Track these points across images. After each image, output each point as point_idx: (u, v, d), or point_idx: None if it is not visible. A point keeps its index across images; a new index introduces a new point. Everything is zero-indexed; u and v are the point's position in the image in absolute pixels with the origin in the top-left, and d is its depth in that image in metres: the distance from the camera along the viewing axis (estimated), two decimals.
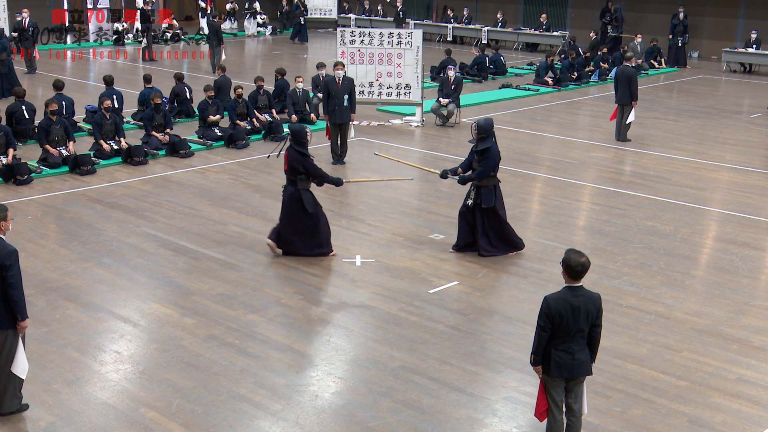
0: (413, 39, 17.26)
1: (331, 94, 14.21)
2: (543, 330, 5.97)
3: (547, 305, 5.93)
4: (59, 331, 8.11)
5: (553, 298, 5.94)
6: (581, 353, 6.01)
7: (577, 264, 5.90)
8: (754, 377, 7.55)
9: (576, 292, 5.94)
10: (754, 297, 9.32)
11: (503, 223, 10.22)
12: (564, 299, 5.91)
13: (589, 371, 6.10)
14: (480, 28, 31.12)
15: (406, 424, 6.66)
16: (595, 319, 6.00)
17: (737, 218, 12.02)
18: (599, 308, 6.00)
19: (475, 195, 10.06)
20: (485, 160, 9.91)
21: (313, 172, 10.07)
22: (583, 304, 5.91)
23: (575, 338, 5.96)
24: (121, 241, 10.53)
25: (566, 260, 5.95)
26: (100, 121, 14.35)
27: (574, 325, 5.91)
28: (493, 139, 10.00)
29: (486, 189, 9.98)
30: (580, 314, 5.90)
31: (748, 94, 23.38)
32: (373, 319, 8.57)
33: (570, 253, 5.97)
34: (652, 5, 30.12)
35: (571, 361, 5.99)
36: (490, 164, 9.91)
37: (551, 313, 5.90)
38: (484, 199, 9.98)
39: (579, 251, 5.99)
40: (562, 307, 5.89)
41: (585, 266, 5.91)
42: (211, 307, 8.73)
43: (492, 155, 9.91)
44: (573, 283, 5.96)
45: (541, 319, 5.97)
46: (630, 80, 16.17)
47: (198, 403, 6.90)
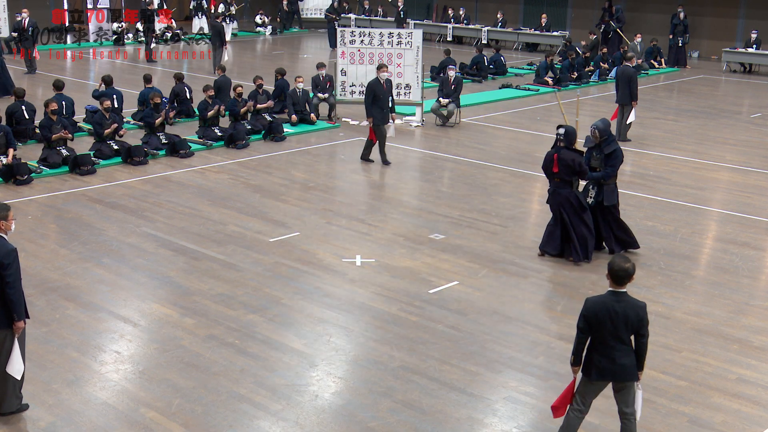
0: (413, 39, 17.27)
1: (377, 97, 14.05)
2: (580, 331, 6.00)
3: (585, 307, 5.95)
4: (59, 331, 8.11)
5: (593, 301, 5.96)
6: (624, 358, 5.95)
7: (619, 269, 5.87)
8: (754, 377, 7.55)
9: (618, 297, 5.91)
10: (754, 297, 9.32)
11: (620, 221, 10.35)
12: (603, 303, 5.91)
13: (633, 377, 6.03)
14: (480, 28, 31.12)
15: (406, 424, 6.66)
16: (637, 327, 5.91)
17: (737, 218, 12.02)
18: (642, 317, 5.91)
19: (596, 193, 10.14)
20: (612, 160, 10.06)
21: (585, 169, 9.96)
22: (622, 310, 5.87)
23: (615, 344, 5.92)
24: (121, 241, 10.53)
25: (610, 264, 5.94)
26: (100, 121, 14.34)
27: (612, 330, 5.89)
28: (616, 141, 10.21)
29: (608, 187, 10.12)
30: (618, 320, 5.86)
31: (748, 94, 23.38)
32: (373, 319, 8.57)
33: (615, 258, 5.98)
34: (652, 5, 30.12)
35: (612, 366, 5.96)
36: (617, 164, 10.09)
37: (588, 315, 5.92)
38: (607, 197, 10.10)
39: (625, 256, 6.02)
40: (600, 311, 5.89)
41: (627, 272, 5.88)
42: (211, 307, 8.73)
43: (618, 154, 10.09)
44: (616, 288, 5.94)
45: (579, 320, 5.99)
46: (629, 80, 16.17)
47: (198, 403, 6.90)
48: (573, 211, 10.02)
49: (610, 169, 10.09)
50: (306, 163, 14.65)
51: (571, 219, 10.02)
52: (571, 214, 10.03)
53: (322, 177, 13.90)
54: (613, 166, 10.08)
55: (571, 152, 9.89)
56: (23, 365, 6.56)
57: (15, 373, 6.50)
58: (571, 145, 9.93)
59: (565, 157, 9.86)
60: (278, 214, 11.73)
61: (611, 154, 10.09)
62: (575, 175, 9.95)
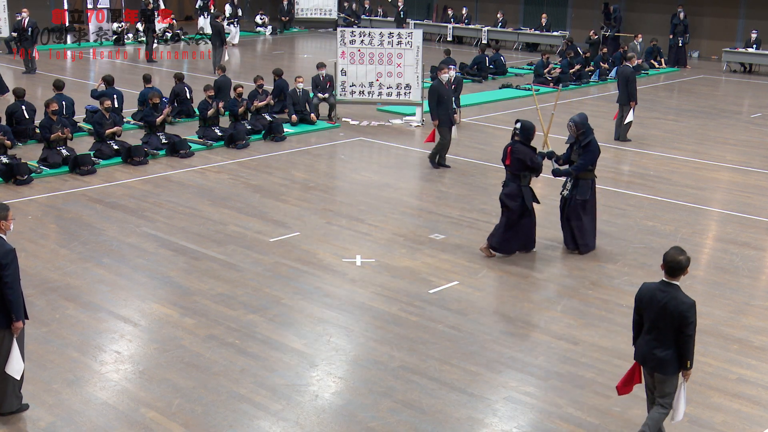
0: (413, 39, 17.27)
1: (442, 99, 13.86)
2: (635, 312, 6.17)
3: (639, 290, 6.13)
4: (59, 331, 8.11)
5: (645, 286, 6.10)
6: (662, 351, 5.98)
7: (672, 260, 5.93)
8: (754, 377, 7.55)
9: (665, 288, 5.98)
10: (754, 297, 9.32)
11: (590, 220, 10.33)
12: (652, 290, 6.02)
13: (667, 371, 6.02)
14: (480, 28, 31.11)
15: (406, 424, 6.66)
16: (678, 323, 5.90)
17: (737, 218, 12.02)
18: (685, 315, 5.87)
19: (571, 187, 10.17)
20: (585, 153, 10.06)
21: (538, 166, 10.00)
22: (664, 301, 5.93)
23: (656, 335, 5.99)
24: (121, 241, 10.53)
25: (665, 255, 6.01)
26: (100, 121, 14.35)
27: (653, 318, 5.98)
28: (592, 133, 10.17)
29: (584, 182, 10.13)
30: (658, 309, 5.93)
31: (748, 94, 23.38)
32: (373, 319, 8.57)
33: (671, 249, 6.03)
34: (652, 5, 30.11)
35: (649, 354, 6.07)
36: (590, 157, 10.07)
37: (637, 298, 6.10)
38: (580, 191, 10.11)
39: (681, 249, 6.01)
40: (645, 296, 6.05)
41: (680, 264, 5.92)
42: (211, 307, 8.73)
43: (593, 148, 10.08)
44: (668, 279, 6.01)
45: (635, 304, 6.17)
46: (627, 81, 16.17)
47: (198, 403, 6.90)
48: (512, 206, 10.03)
49: (582, 161, 10.04)
50: (306, 163, 14.65)
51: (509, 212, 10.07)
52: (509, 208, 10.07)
53: (322, 177, 13.91)
54: (586, 158, 10.04)
55: (525, 147, 9.90)
56: (23, 365, 6.56)
57: (14, 373, 6.50)
58: (528, 141, 9.94)
59: (517, 150, 9.89)
60: (278, 214, 11.73)
61: (586, 146, 10.06)
62: (525, 171, 9.94)
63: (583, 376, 7.48)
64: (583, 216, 10.25)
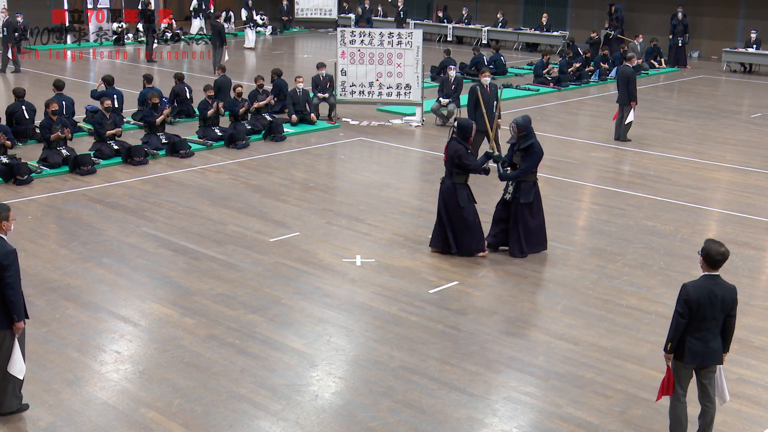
0: (413, 39, 17.26)
1: (480, 102, 13.51)
2: (681, 317, 6.08)
3: (686, 292, 6.04)
4: (59, 331, 8.11)
5: (693, 286, 6.05)
6: (714, 341, 6.12)
7: (717, 253, 6.02)
8: (754, 377, 7.55)
9: (715, 281, 6.06)
10: (754, 297, 9.32)
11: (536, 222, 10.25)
12: (704, 287, 6.03)
13: (720, 360, 6.21)
14: (480, 28, 31.11)
15: (406, 424, 6.66)
16: (730, 309, 6.11)
17: (737, 218, 12.02)
18: (735, 299, 6.12)
19: (513, 190, 10.10)
20: (529, 157, 9.99)
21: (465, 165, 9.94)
22: (721, 293, 6.05)
23: (710, 326, 6.07)
24: (121, 241, 10.53)
25: (706, 249, 6.07)
26: (100, 121, 14.35)
27: (710, 314, 6.04)
28: (534, 136, 10.10)
29: (527, 184, 10.04)
30: (717, 303, 6.04)
31: (748, 94, 23.38)
32: (373, 319, 8.57)
33: (709, 243, 6.09)
34: (652, 5, 30.12)
35: (705, 349, 6.11)
36: (533, 160, 10.00)
37: (690, 300, 6.02)
38: (523, 195, 10.02)
39: (718, 241, 6.11)
40: (701, 295, 6.02)
41: (725, 255, 6.04)
42: (211, 307, 8.73)
43: (536, 151, 10.00)
44: (711, 271, 6.07)
45: (680, 305, 6.07)
46: (628, 81, 16.17)
47: (198, 403, 6.90)
48: (447, 205, 10.01)
49: (527, 165, 9.97)
50: (306, 163, 14.65)
51: (447, 212, 10.04)
52: (443, 207, 10.04)
53: (322, 177, 13.91)
54: (530, 161, 9.97)
55: (459, 144, 9.90)
56: (24, 365, 6.57)
57: (17, 372, 6.51)
58: (465, 139, 9.94)
59: (452, 147, 9.93)
60: (278, 214, 11.73)
61: (528, 149, 9.98)
62: (457, 168, 9.93)
63: (583, 376, 7.48)
64: (530, 219, 10.12)
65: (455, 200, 9.98)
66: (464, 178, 10.04)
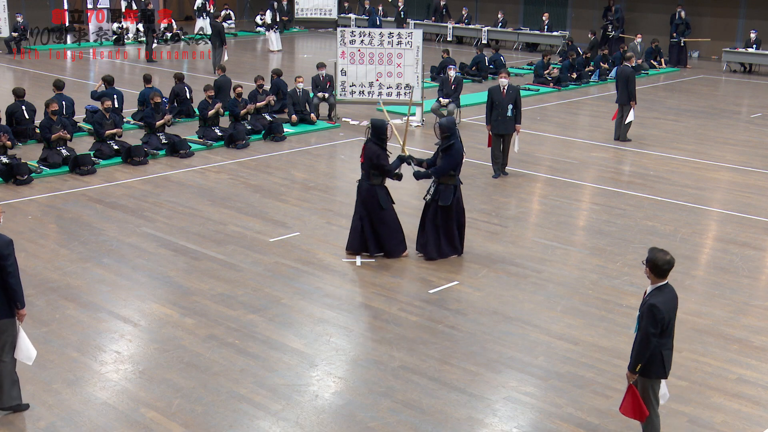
0: (413, 39, 17.26)
1: (494, 103, 13.52)
2: (654, 337, 5.95)
3: (659, 311, 5.90)
4: (59, 331, 8.11)
5: (662, 302, 5.94)
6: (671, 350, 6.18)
7: (664, 263, 5.95)
8: (754, 377, 7.55)
9: (667, 289, 6.02)
10: (754, 297, 9.32)
11: (455, 226, 10.12)
12: (668, 300, 5.98)
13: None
14: (480, 28, 31.11)
15: (406, 424, 6.66)
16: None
17: (737, 218, 12.02)
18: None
19: (434, 192, 10.00)
20: (446, 157, 9.89)
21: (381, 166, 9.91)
22: (675, 298, 6.05)
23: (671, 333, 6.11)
24: (121, 241, 10.53)
25: (653, 260, 5.96)
26: (100, 121, 14.35)
27: (674, 322, 6.06)
28: (456, 138, 9.97)
29: (446, 187, 9.93)
30: (675, 309, 6.06)
31: (748, 94, 23.38)
32: (373, 319, 8.57)
33: (656, 253, 5.98)
34: (652, 5, 30.11)
35: (671, 356, 6.15)
36: (450, 161, 9.86)
37: (664, 319, 5.94)
38: (442, 197, 9.92)
39: (663, 249, 6.03)
40: (670, 308, 5.99)
41: (671, 264, 5.97)
42: (211, 307, 8.73)
43: (454, 153, 9.88)
44: (661, 281, 6.01)
45: (654, 326, 5.92)
46: (627, 80, 16.17)
47: (198, 403, 6.90)
48: (367, 207, 9.98)
49: (442, 165, 9.87)
50: (306, 163, 14.65)
51: (368, 214, 9.99)
52: (363, 209, 10.01)
53: (322, 177, 13.90)
54: (446, 162, 9.85)
55: (375, 146, 9.86)
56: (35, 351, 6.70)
57: (27, 360, 6.66)
58: (380, 139, 9.87)
59: (369, 148, 9.88)
60: (278, 214, 11.73)
61: (447, 150, 9.89)
62: (374, 170, 9.88)
63: (583, 376, 7.48)
64: (447, 222, 10.04)
65: (376, 202, 9.91)
66: (381, 180, 9.97)
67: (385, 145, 9.98)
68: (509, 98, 13.42)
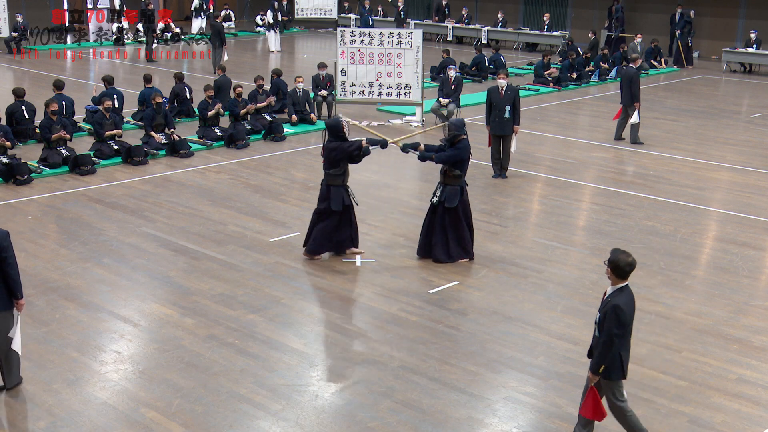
0: (413, 39, 17.26)
1: (492, 104, 13.50)
2: (618, 337, 5.94)
3: (623, 313, 5.89)
4: (59, 331, 8.11)
5: (625, 303, 5.93)
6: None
7: (626, 264, 5.94)
8: (754, 377, 7.55)
9: (629, 290, 6.01)
10: (754, 297, 9.32)
11: (463, 228, 10.05)
12: (630, 302, 5.98)
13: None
14: (480, 28, 31.11)
15: (406, 424, 6.66)
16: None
17: (737, 218, 12.02)
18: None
19: (440, 193, 9.94)
20: (453, 148, 9.81)
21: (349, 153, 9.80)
22: (635, 301, 6.05)
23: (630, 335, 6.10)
24: (121, 241, 10.53)
25: (615, 261, 5.94)
26: (100, 121, 14.35)
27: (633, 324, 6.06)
28: (465, 135, 9.94)
29: (452, 188, 9.88)
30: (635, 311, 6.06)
31: (748, 94, 23.38)
32: (373, 319, 8.57)
33: (618, 254, 5.97)
34: (652, 5, 30.11)
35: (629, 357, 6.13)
36: (456, 153, 9.78)
37: (628, 319, 5.94)
38: (448, 199, 9.87)
39: (624, 251, 6.03)
40: (632, 309, 6.00)
41: (633, 266, 5.97)
42: (211, 307, 8.73)
43: (461, 147, 9.82)
44: (622, 282, 6.00)
45: (619, 328, 5.92)
46: (630, 82, 16.16)
47: (198, 403, 6.90)
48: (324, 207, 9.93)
49: (448, 154, 9.74)
50: (306, 163, 14.65)
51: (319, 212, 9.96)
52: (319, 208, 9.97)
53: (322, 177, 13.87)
54: (452, 152, 9.74)
55: (335, 142, 9.79)
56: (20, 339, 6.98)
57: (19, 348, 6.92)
58: (337, 137, 9.79)
59: (331, 148, 9.81)
60: (278, 214, 11.73)
61: (455, 142, 9.81)
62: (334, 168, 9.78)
63: (583, 376, 7.45)
64: (455, 224, 9.97)
65: (328, 203, 9.85)
66: (341, 180, 9.87)
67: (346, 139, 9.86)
68: (507, 99, 13.39)
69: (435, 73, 22.70)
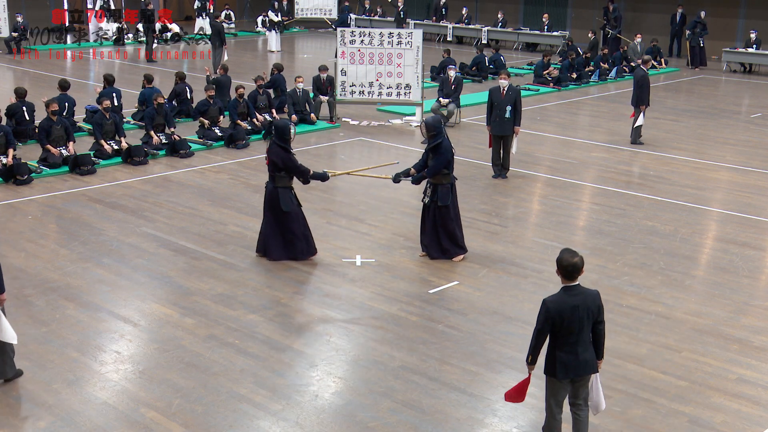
0: (413, 39, 17.26)
1: (493, 105, 13.42)
2: (540, 333, 5.95)
3: (546, 309, 5.88)
4: (59, 331, 8.11)
5: (552, 301, 5.90)
6: (586, 352, 5.99)
7: (568, 264, 5.84)
8: (754, 377, 7.55)
9: (573, 292, 5.89)
10: (754, 297, 9.32)
11: (455, 225, 10.09)
12: (563, 300, 5.87)
13: (594, 369, 6.09)
14: (480, 28, 31.11)
15: (406, 424, 6.66)
16: (597, 315, 5.97)
17: (737, 218, 12.02)
18: (599, 305, 5.96)
19: (431, 193, 9.97)
20: (437, 156, 9.83)
21: (295, 169, 9.82)
22: (581, 303, 5.87)
23: (579, 338, 5.93)
24: (121, 241, 10.53)
25: (559, 260, 5.89)
26: (100, 121, 14.35)
27: (576, 325, 5.88)
28: (443, 136, 9.91)
29: (443, 187, 9.90)
30: (581, 313, 5.87)
31: (748, 94, 23.38)
32: (373, 319, 8.57)
33: (563, 253, 5.90)
34: (652, 5, 30.11)
35: (576, 362, 5.97)
36: (441, 160, 9.81)
37: (551, 316, 5.86)
38: (441, 197, 9.90)
39: (573, 251, 5.92)
40: (563, 308, 5.85)
41: (577, 266, 5.83)
42: (211, 307, 8.73)
43: (443, 151, 9.81)
44: (568, 283, 5.91)
45: (538, 322, 5.94)
46: (637, 83, 16.11)
47: (198, 403, 6.90)
48: (272, 210, 9.85)
49: (434, 164, 9.79)
50: (306, 163, 14.59)
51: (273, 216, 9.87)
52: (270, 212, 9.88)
53: None
54: (437, 161, 9.77)
55: (279, 149, 9.70)
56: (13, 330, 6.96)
57: (10, 339, 6.90)
58: (283, 141, 9.69)
59: (272, 151, 9.76)
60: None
61: (436, 149, 9.80)
62: (280, 172, 9.73)
63: None
64: (449, 222, 10.00)
65: (278, 205, 9.79)
66: (288, 182, 9.85)
67: (290, 146, 9.79)
68: (508, 100, 13.35)
69: (435, 73, 22.69)
